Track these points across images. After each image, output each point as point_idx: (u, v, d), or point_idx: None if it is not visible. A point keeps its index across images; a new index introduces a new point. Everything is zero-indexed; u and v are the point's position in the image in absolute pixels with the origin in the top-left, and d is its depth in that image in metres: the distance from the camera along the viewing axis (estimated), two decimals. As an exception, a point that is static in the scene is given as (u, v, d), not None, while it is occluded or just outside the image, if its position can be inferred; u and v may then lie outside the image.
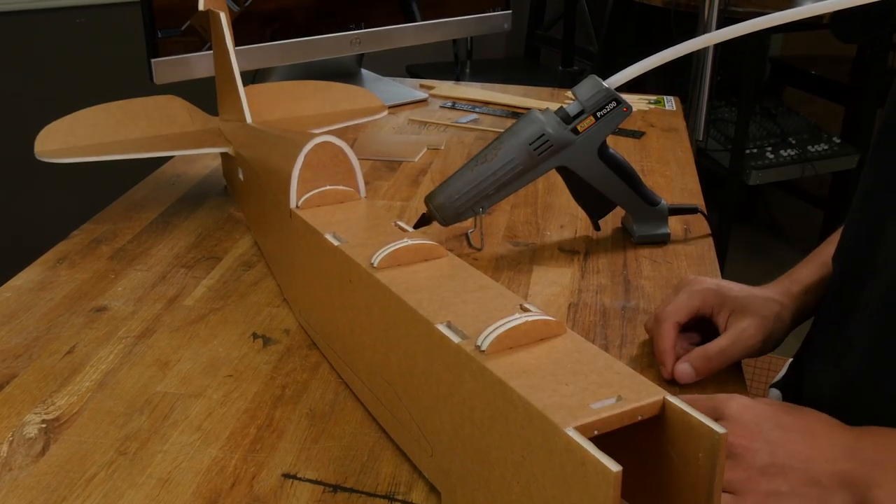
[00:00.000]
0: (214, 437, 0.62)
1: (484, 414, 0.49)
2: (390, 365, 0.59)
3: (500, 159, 0.83)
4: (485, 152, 0.84)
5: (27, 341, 0.74)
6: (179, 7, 1.15)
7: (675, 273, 0.87)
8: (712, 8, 1.81)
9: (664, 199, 0.92)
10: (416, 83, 1.53)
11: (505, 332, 0.49)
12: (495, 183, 0.84)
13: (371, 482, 0.58)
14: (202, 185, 1.09)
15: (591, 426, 0.43)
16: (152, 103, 1.04)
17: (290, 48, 1.30)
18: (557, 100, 1.46)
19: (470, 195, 0.84)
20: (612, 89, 0.82)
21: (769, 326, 0.70)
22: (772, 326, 0.70)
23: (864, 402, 0.64)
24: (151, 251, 0.91)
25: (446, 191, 0.84)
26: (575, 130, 0.82)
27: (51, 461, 0.60)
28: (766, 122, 2.59)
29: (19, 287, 0.83)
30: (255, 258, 0.89)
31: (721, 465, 0.43)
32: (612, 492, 0.40)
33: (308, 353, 0.73)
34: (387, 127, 1.30)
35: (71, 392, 0.67)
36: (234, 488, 0.58)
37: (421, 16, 1.45)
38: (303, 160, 0.71)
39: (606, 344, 0.75)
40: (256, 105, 1.03)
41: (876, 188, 0.67)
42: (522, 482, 0.46)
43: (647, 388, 0.46)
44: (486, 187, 0.84)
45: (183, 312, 0.79)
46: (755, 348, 0.69)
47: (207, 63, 1.16)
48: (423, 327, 0.54)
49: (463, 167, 0.85)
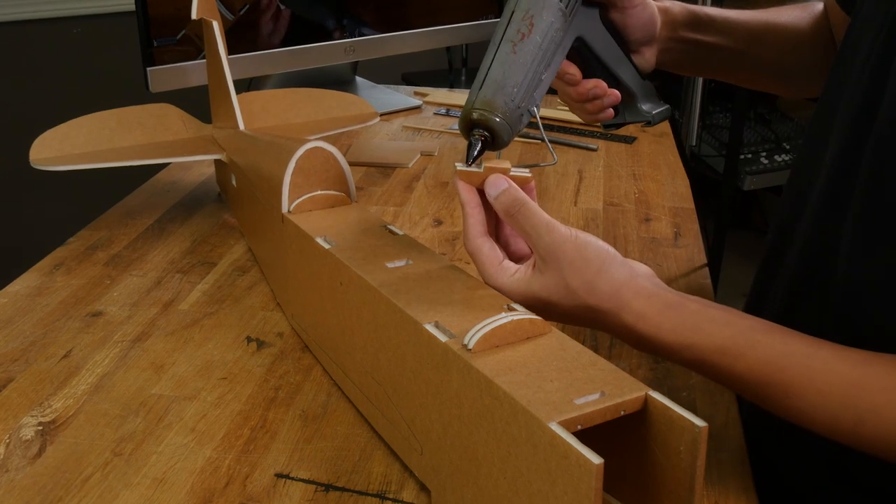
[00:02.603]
0: (208, 438, 0.63)
1: (471, 411, 0.50)
2: (380, 365, 0.60)
3: (540, 28, 0.66)
4: (515, 27, 0.65)
5: (24, 346, 0.75)
6: (174, 16, 1.16)
7: (665, 275, 0.88)
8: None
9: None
10: (410, 90, 1.55)
11: (491, 331, 0.50)
12: (544, 60, 0.66)
13: (363, 481, 0.59)
14: (197, 192, 1.10)
15: (575, 421, 0.44)
16: (146, 111, 1.05)
17: (285, 56, 1.32)
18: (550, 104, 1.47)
19: (525, 84, 0.64)
20: None
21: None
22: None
23: None
24: (147, 257, 0.92)
25: (501, 86, 0.63)
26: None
27: (47, 462, 0.61)
28: (760, 128, 2.60)
29: (16, 293, 0.84)
30: (249, 263, 0.90)
31: (702, 458, 0.44)
32: (595, 484, 0.40)
33: (301, 356, 0.74)
34: (381, 133, 1.31)
35: (67, 395, 0.68)
36: (227, 488, 0.58)
37: (415, 24, 1.46)
38: (294, 165, 0.72)
39: (596, 345, 0.76)
40: (249, 113, 1.04)
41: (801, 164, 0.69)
42: (509, 477, 0.47)
43: (630, 384, 0.47)
44: (539, 68, 0.65)
45: (178, 317, 0.80)
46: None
47: (203, 71, 1.17)
48: (411, 327, 0.55)
49: (498, 52, 0.65)
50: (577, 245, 0.57)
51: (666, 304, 0.56)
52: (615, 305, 0.57)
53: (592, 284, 0.56)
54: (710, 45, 0.81)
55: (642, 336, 0.56)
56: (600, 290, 0.57)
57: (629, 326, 0.56)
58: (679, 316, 0.56)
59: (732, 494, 0.59)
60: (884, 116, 0.56)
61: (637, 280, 0.57)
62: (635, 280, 0.57)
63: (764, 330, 0.54)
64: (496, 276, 0.59)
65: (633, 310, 0.56)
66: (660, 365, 0.73)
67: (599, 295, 0.57)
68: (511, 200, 0.59)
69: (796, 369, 0.52)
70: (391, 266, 0.62)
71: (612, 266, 0.57)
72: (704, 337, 0.54)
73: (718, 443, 0.64)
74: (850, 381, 0.51)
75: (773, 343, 0.53)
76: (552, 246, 0.57)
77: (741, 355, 0.53)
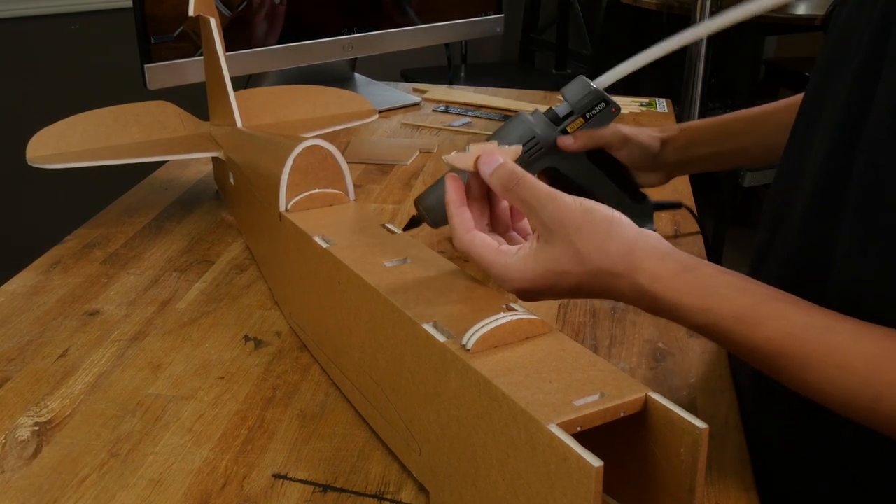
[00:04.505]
0: (206, 439, 0.63)
1: (470, 412, 0.49)
2: (378, 365, 0.60)
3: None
4: None
5: (20, 345, 0.74)
6: (172, 13, 1.16)
7: (665, 273, 0.87)
8: (704, 10, 1.83)
9: (649, 196, 0.92)
10: (409, 87, 1.54)
11: (490, 332, 0.50)
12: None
13: (361, 482, 0.59)
14: (194, 190, 1.09)
15: (574, 423, 0.44)
16: (143, 109, 1.05)
17: (283, 53, 1.31)
18: (550, 102, 1.46)
19: None
20: (600, 90, 0.82)
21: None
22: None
23: None
24: (144, 255, 0.91)
25: (436, 192, 0.84)
26: (564, 131, 0.83)
27: (43, 463, 0.60)
28: (760, 124, 2.60)
29: (13, 291, 0.83)
30: (247, 262, 0.90)
31: (703, 460, 0.44)
32: (594, 487, 0.40)
33: (299, 356, 0.73)
34: (379, 131, 1.31)
35: (63, 395, 0.68)
36: (224, 489, 0.58)
37: (413, 20, 1.45)
38: (292, 163, 0.72)
39: (596, 345, 0.75)
40: (247, 110, 1.04)
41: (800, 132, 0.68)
42: (508, 479, 0.47)
43: (629, 385, 0.47)
44: None
45: (175, 315, 0.79)
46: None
47: (201, 68, 1.16)
48: (409, 327, 0.54)
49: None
50: (583, 210, 0.55)
51: (681, 265, 0.55)
52: (628, 266, 0.55)
53: (603, 247, 0.55)
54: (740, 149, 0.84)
55: (656, 297, 0.54)
56: (612, 252, 0.55)
57: (643, 288, 0.55)
58: (695, 278, 0.54)
59: (733, 495, 0.58)
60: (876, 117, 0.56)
61: (648, 240, 0.56)
62: (646, 240, 0.56)
63: (784, 300, 0.53)
64: (497, 261, 0.57)
65: (647, 270, 0.54)
66: (660, 364, 0.73)
67: (612, 257, 0.55)
68: (508, 174, 0.58)
69: (816, 343, 0.51)
70: (389, 265, 0.62)
71: (620, 227, 0.56)
72: (721, 302, 0.53)
73: (719, 443, 0.63)
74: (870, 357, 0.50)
75: (793, 314, 0.52)
76: (557, 213, 0.55)
77: (760, 324, 0.52)
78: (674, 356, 0.74)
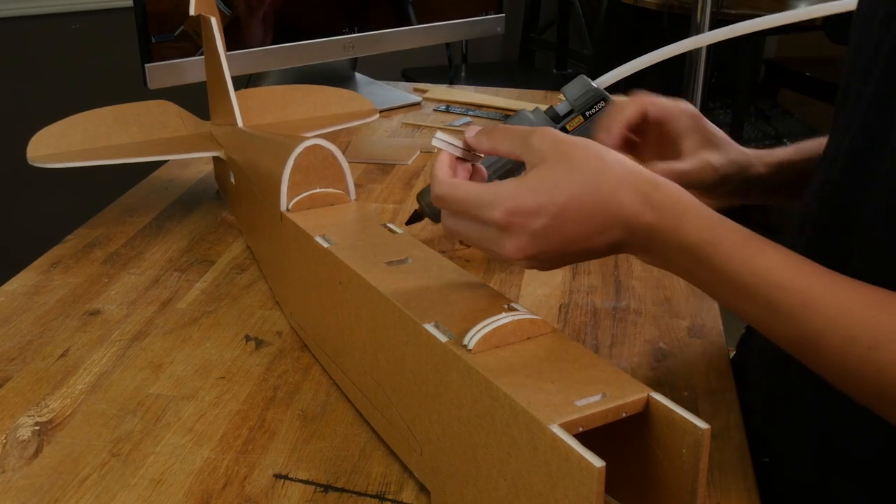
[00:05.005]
0: (207, 439, 0.63)
1: (471, 412, 0.49)
2: (379, 365, 0.60)
3: (489, 158, 0.81)
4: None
5: (21, 345, 0.74)
6: (173, 12, 1.16)
7: (666, 274, 0.87)
8: (705, 10, 1.83)
9: None
10: (409, 87, 1.54)
11: (491, 332, 0.50)
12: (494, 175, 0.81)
13: (362, 482, 0.59)
14: (195, 190, 1.09)
15: (576, 423, 0.44)
16: (144, 108, 1.05)
17: (284, 53, 1.31)
18: (550, 102, 1.46)
19: None
20: (600, 89, 0.82)
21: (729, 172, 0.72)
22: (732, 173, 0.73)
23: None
24: (145, 255, 0.91)
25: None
26: (564, 130, 0.83)
27: (44, 463, 0.60)
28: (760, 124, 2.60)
29: (13, 291, 0.83)
30: (248, 261, 0.90)
31: (705, 460, 0.44)
32: (596, 487, 0.40)
33: (300, 355, 0.73)
34: (380, 130, 1.31)
35: (64, 395, 0.68)
36: (225, 489, 0.58)
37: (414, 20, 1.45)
38: (293, 163, 0.72)
39: (597, 344, 0.75)
40: (248, 109, 1.04)
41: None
42: (509, 479, 0.47)
43: (631, 385, 0.46)
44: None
45: (176, 315, 0.79)
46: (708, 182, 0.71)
47: (201, 67, 1.16)
48: (410, 327, 0.54)
49: None
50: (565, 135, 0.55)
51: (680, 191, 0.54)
52: (628, 172, 0.54)
53: (600, 154, 0.54)
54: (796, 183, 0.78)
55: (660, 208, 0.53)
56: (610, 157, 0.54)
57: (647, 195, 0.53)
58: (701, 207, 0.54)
59: (735, 495, 0.58)
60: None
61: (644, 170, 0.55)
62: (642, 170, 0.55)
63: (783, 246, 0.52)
64: (488, 193, 0.54)
65: (647, 179, 0.54)
66: (661, 364, 0.73)
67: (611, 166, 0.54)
68: (484, 127, 0.58)
69: (819, 278, 0.50)
70: (390, 265, 0.62)
71: (609, 151, 0.55)
72: (726, 227, 0.52)
73: (720, 443, 0.63)
74: (873, 302, 0.49)
75: (796, 255, 0.51)
76: (543, 134, 0.55)
77: (762, 252, 0.51)
78: (675, 356, 0.74)
